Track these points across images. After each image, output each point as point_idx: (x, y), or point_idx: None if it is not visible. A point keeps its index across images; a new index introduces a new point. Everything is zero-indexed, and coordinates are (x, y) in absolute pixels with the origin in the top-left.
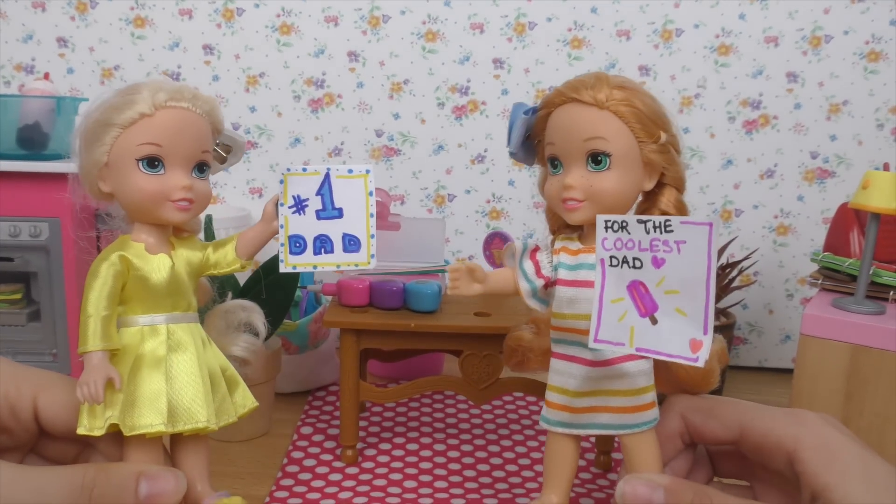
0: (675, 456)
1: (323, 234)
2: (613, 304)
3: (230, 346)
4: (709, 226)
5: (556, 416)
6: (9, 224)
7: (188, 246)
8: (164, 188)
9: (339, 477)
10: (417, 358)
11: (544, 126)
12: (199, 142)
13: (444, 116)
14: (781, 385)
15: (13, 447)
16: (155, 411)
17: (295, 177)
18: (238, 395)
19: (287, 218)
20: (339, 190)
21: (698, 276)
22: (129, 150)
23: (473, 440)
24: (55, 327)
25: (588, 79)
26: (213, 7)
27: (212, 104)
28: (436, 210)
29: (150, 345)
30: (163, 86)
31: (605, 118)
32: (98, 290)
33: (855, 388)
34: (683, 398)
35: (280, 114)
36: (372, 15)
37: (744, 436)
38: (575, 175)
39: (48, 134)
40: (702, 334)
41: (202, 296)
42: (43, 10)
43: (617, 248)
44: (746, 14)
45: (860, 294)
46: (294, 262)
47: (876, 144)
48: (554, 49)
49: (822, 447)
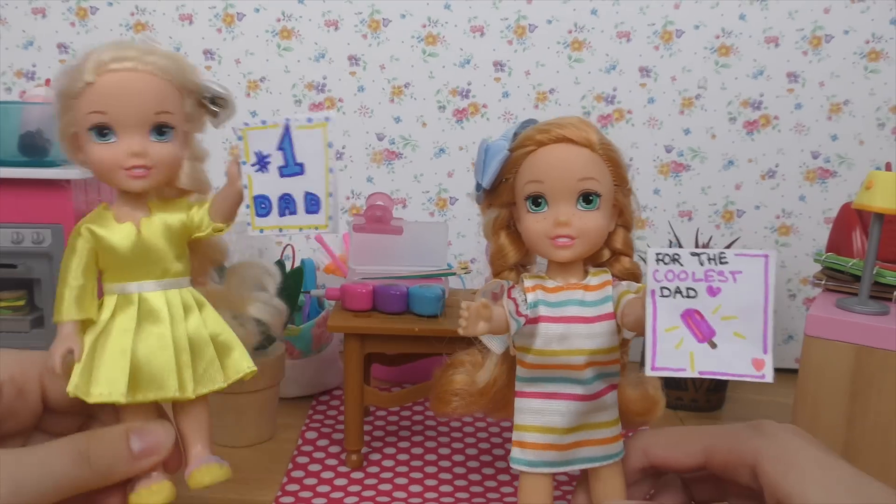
0: (632, 486)
1: (286, 194)
2: (668, 332)
3: (246, 306)
4: (764, 258)
5: (540, 456)
6: (11, 231)
7: (171, 208)
8: (115, 156)
9: (345, 482)
10: (421, 362)
11: (518, 165)
12: (152, 103)
13: (445, 119)
14: (785, 386)
15: (17, 432)
16: (112, 381)
17: (255, 131)
18: (232, 361)
19: (250, 177)
20: (300, 142)
21: (756, 303)
22: (81, 121)
23: (478, 444)
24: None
25: (573, 120)
26: (213, 12)
27: (170, 59)
28: (438, 213)
29: (120, 315)
30: (112, 46)
31: (596, 160)
32: (71, 262)
33: (860, 389)
34: (645, 434)
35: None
36: (372, 19)
37: (709, 458)
38: (567, 213)
39: (50, 140)
40: (762, 353)
41: (219, 255)
42: (43, 17)
43: (668, 280)
44: (746, 14)
45: (864, 294)
46: (261, 224)
47: (877, 144)
48: (554, 51)
49: (781, 456)
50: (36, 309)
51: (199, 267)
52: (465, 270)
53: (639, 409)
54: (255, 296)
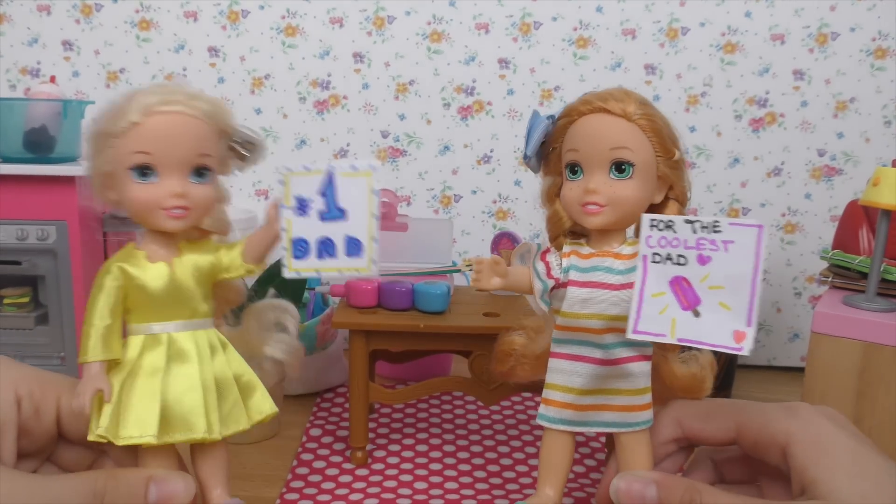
0: (665, 459)
1: (326, 237)
2: (654, 297)
3: (263, 346)
4: (758, 228)
5: (559, 413)
6: (16, 227)
7: (199, 250)
8: (156, 196)
9: (349, 479)
10: (426, 359)
11: (562, 134)
12: (195, 146)
13: (450, 117)
14: (791, 384)
15: (30, 453)
16: (144, 422)
17: (297, 176)
18: (254, 402)
19: (290, 220)
20: (343, 189)
21: (745, 274)
22: (123, 160)
23: (483, 441)
24: (63, 331)
25: (616, 92)
26: (217, 9)
27: (213, 104)
28: (442, 211)
29: (149, 355)
30: (157, 90)
31: (631, 130)
32: (98, 300)
33: (867, 386)
34: (679, 404)
35: (286, 115)
36: (377, 16)
37: (741, 434)
38: (598, 181)
39: (55, 137)
40: (745, 326)
41: (236, 296)
42: (48, 14)
43: (661, 246)
44: (752, 12)
45: (871, 291)
46: (297, 266)
47: (883, 141)
48: (560, 49)
49: (814, 442)
50: (40, 306)
51: (216, 309)
52: (469, 267)
53: (684, 385)
54: (274, 336)
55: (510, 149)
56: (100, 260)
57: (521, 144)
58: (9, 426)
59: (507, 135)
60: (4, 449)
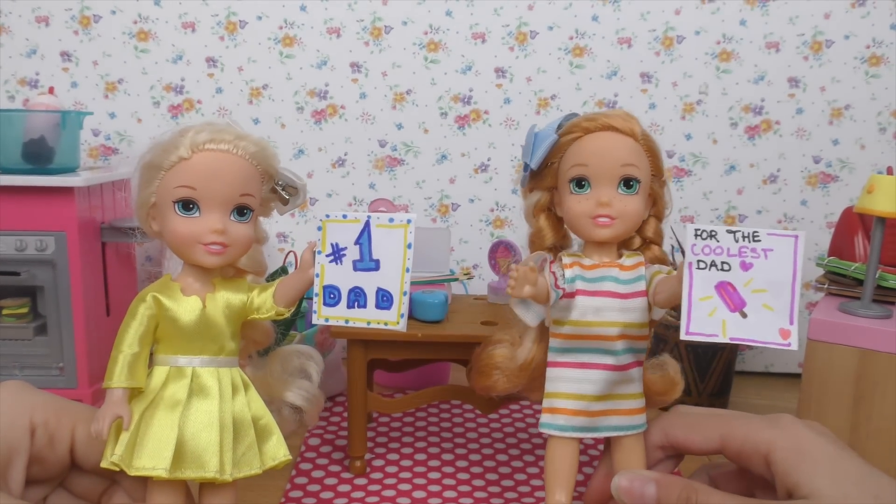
0: (655, 465)
1: (358, 287)
2: (702, 301)
3: (284, 391)
4: (794, 238)
5: (570, 421)
6: (15, 238)
7: (232, 288)
8: (196, 231)
9: (348, 488)
10: (424, 368)
11: (563, 150)
12: (238, 185)
13: (447, 126)
14: (788, 390)
15: (42, 480)
16: (158, 455)
17: (334, 223)
18: (269, 447)
19: (323, 267)
20: (378, 240)
21: (785, 278)
22: (168, 193)
23: (481, 449)
24: (62, 341)
25: (619, 112)
26: (215, 20)
27: (259, 146)
28: (439, 219)
29: (172, 387)
30: (208, 127)
31: (637, 149)
32: (130, 327)
33: (863, 392)
34: (668, 416)
35: (283, 125)
36: (374, 26)
37: (725, 444)
38: (609, 194)
39: (53, 148)
40: (789, 324)
41: (264, 337)
42: (46, 25)
43: (705, 254)
44: (747, 20)
45: (867, 298)
46: (327, 314)
47: (878, 148)
48: (556, 57)
49: (793, 448)
50: (39, 316)
51: (242, 349)
52: (467, 276)
53: (659, 388)
54: (297, 382)
55: (507, 157)
56: (98, 270)
57: (518, 153)
58: (19, 453)
59: (504, 143)
60: (12, 477)
